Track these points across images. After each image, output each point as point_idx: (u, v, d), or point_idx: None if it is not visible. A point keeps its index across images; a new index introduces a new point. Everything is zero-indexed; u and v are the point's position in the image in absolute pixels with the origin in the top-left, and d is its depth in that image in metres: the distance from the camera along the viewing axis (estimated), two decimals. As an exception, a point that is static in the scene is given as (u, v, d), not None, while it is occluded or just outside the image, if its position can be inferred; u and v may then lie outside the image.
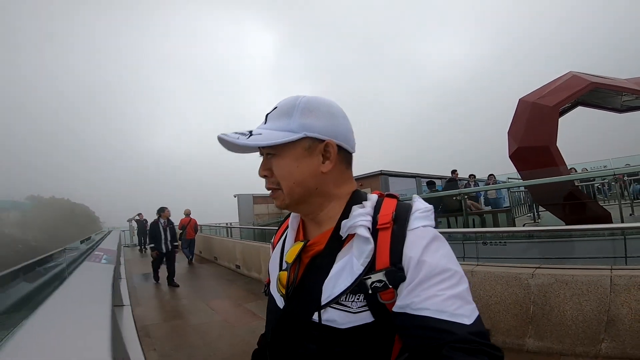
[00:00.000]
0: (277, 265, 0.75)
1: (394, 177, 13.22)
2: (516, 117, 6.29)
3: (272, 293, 0.74)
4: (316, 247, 0.67)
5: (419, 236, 0.59)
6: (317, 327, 0.61)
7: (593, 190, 7.31)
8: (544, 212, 7.28)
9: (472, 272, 3.04)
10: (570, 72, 6.18)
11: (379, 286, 0.57)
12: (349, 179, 0.72)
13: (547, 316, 2.58)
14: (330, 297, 0.60)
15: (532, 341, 2.63)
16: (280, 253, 0.76)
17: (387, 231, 0.60)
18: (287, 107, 0.67)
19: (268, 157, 0.68)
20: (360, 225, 0.61)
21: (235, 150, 0.68)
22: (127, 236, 15.84)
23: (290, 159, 0.65)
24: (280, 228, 0.85)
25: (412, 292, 0.54)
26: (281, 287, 0.68)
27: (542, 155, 5.62)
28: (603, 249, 3.29)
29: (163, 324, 4.49)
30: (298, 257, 0.67)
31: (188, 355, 3.36)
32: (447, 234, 5.38)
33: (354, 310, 0.59)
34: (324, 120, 0.66)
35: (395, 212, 0.63)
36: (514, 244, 4.02)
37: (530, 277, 2.72)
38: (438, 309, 0.51)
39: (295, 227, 0.76)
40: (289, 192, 0.66)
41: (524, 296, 2.72)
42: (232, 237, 10.27)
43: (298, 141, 0.64)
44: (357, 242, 0.61)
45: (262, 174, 0.69)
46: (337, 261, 0.63)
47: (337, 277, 0.61)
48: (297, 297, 0.65)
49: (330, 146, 0.66)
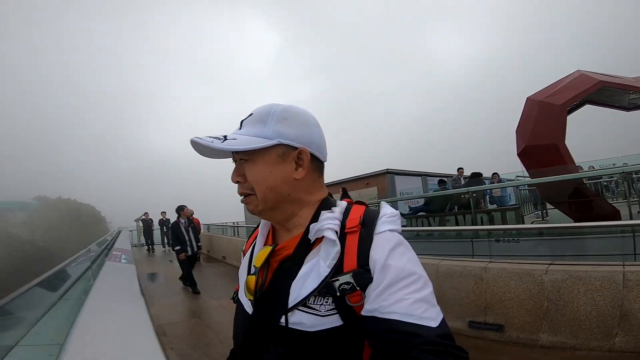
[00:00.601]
0: (246, 271, 0.74)
1: (400, 175, 13.27)
2: (524, 115, 6.32)
3: (240, 299, 0.73)
4: (285, 251, 0.67)
5: (385, 239, 0.60)
6: (284, 330, 0.60)
7: (601, 188, 7.34)
8: (551, 209, 7.32)
9: (486, 268, 3.12)
10: (578, 70, 6.22)
11: (347, 288, 0.57)
12: (320, 187, 0.73)
13: (560, 311, 2.66)
14: (297, 299, 0.60)
15: (546, 336, 2.71)
16: (250, 258, 0.75)
17: (354, 235, 0.62)
18: (262, 114, 0.68)
19: (241, 163, 0.68)
20: (328, 229, 0.62)
21: (207, 154, 0.69)
22: (135, 236, 15.91)
23: (263, 164, 0.66)
24: (251, 236, 0.85)
25: (379, 295, 0.55)
26: (249, 292, 0.67)
27: (550, 154, 5.67)
28: (613, 246, 3.35)
29: (178, 323, 4.55)
30: (266, 261, 0.67)
31: (204, 354, 3.42)
32: (457, 232, 5.46)
33: (323, 313, 0.59)
34: (298, 128, 0.67)
35: (363, 217, 0.64)
36: (526, 241, 4.09)
37: (544, 273, 2.79)
38: (405, 312, 0.52)
39: (265, 233, 0.77)
40: (263, 197, 0.66)
41: (537, 292, 2.80)
42: (239, 236, 10.39)
43: (272, 148, 0.65)
44: (325, 244, 0.62)
45: (235, 180, 0.69)
46: (304, 264, 0.63)
47: (305, 279, 0.61)
48: (265, 302, 0.65)
49: (303, 154, 0.67)
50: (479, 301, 3.09)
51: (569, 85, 5.96)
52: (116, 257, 3.99)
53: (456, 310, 3.21)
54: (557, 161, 5.63)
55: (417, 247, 3.97)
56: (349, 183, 14.55)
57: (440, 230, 6.70)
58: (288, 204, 0.68)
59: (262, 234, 0.76)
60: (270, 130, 0.65)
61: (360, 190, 13.73)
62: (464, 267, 3.27)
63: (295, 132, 0.67)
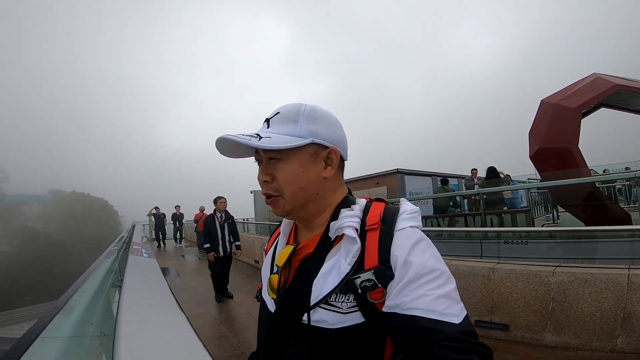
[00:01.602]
0: (269, 270, 0.75)
1: (410, 175, 13.27)
2: (538, 118, 6.30)
3: (263, 297, 0.75)
4: (306, 250, 0.68)
5: (406, 236, 0.60)
6: (307, 328, 0.61)
7: (614, 192, 7.27)
8: (563, 212, 7.29)
9: (493, 269, 3.20)
10: (594, 73, 6.17)
11: (368, 285, 0.57)
12: (342, 185, 0.74)
13: (565, 312, 2.73)
14: (319, 296, 0.61)
15: (550, 336, 2.78)
16: (272, 258, 0.76)
17: (375, 232, 0.62)
18: (291, 113, 0.67)
19: (271, 162, 0.66)
20: (348, 226, 0.62)
21: (230, 154, 0.69)
22: (147, 230, 15.78)
23: (296, 163, 0.65)
24: (272, 235, 0.86)
25: (401, 292, 0.55)
26: (272, 290, 0.68)
27: (563, 157, 5.65)
28: (622, 250, 3.39)
29: (191, 317, 4.65)
30: (288, 260, 0.68)
31: (219, 347, 3.54)
32: (466, 233, 5.52)
33: (344, 310, 0.59)
34: (327, 128, 0.68)
35: (383, 214, 0.64)
36: (535, 244, 4.13)
37: (551, 274, 2.86)
38: (428, 308, 0.52)
39: (287, 232, 0.78)
40: (292, 197, 0.66)
41: (544, 293, 2.87)
42: (249, 233, 10.57)
43: (304, 147, 0.65)
44: (345, 242, 0.62)
45: (264, 179, 0.67)
46: (325, 262, 0.63)
47: (326, 277, 0.62)
48: (287, 300, 0.65)
49: (333, 153, 0.68)
50: (486, 301, 3.18)
51: (585, 88, 5.92)
52: (137, 252, 4.16)
53: (463, 309, 3.30)
54: (570, 164, 5.61)
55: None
56: (358, 182, 14.63)
57: (446, 230, 6.74)
58: (315, 203, 0.69)
59: (284, 234, 0.77)
60: (303, 130, 0.66)
61: (370, 189, 13.80)
62: (472, 268, 3.36)
63: (326, 131, 0.68)
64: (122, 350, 1.07)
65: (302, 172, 0.66)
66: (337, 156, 0.69)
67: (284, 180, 0.65)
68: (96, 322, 1.57)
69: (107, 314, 1.72)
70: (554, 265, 3.01)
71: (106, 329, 1.46)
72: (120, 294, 2.02)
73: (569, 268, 2.88)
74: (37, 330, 0.88)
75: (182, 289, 6.25)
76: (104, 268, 2.69)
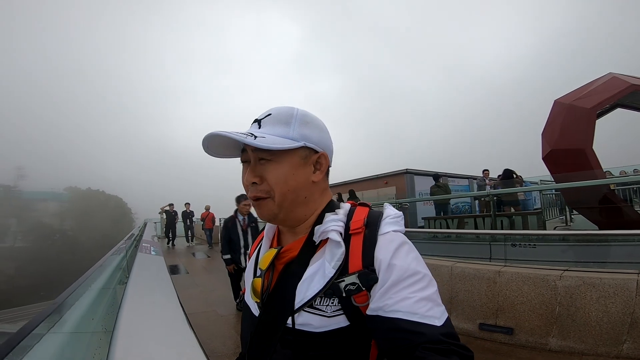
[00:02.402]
0: (252, 274, 0.75)
1: (419, 175, 13.19)
2: (551, 118, 6.18)
3: (247, 301, 0.74)
4: (290, 253, 0.68)
5: (389, 240, 0.61)
6: (291, 331, 0.61)
7: (630, 195, 7.06)
8: (576, 215, 7.13)
9: (500, 272, 3.17)
10: (610, 73, 6.01)
11: (353, 289, 0.58)
12: (327, 189, 0.74)
13: (572, 317, 2.69)
14: (303, 300, 0.61)
15: (555, 340, 2.75)
16: (255, 261, 0.76)
17: (359, 236, 0.62)
18: (284, 115, 0.67)
19: (261, 163, 0.65)
20: (332, 230, 0.63)
21: (217, 153, 0.69)
22: (158, 227, 15.34)
23: (287, 166, 0.65)
24: (256, 240, 0.86)
25: (384, 295, 0.55)
26: (255, 295, 0.68)
27: (577, 158, 5.53)
28: (633, 254, 3.32)
29: (197, 314, 4.59)
30: (272, 263, 0.67)
31: (222, 344, 3.56)
32: (474, 235, 5.47)
33: (329, 314, 0.59)
34: (318, 133, 0.69)
35: (367, 218, 0.65)
36: (543, 247, 4.07)
37: (558, 279, 2.82)
38: (410, 310, 0.53)
39: (271, 236, 0.77)
40: (282, 199, 0.65)
41: (550, 297, 2.83)
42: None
43: (296, 150, 0.66)
44: (329, 246, 0.62)
45: (252, 181, 0.65)
46: (310, 265, 0.63)
47: (310, 281, 0.62)
48: (271, 303, 0.65)
49: (323, 158, 0.69)
50: (491, 304, 3.16)
51: (600, 88, 5.78)
52: (146, 249, 4.27)
53: (468, 312, 3.29)
54: (584, 166, 5.49)
55: (433, 249, 4.06)
56: (367, 182, 14.59)
57: (451, 232, 6.68)
58: (302, 207, 0.68)
59: (268, 237, 0.77)
60: (295, 133, 0.66)
61: (379, 189, 13.74)
62: (478, 270, 3.33)
63: (317, 136, 0.68)
64: (118, 346, 1.09)
65: (293, 175, 0.65)
66: (326, 161, 0.70)
67: (274, 182, 0.64)
68: (99, 318, 1.61)
69: (111, 310, 1.77)
70: (562, 269, 2.97)
71: (108, 325, 1.50)
72: (124, 291, 2.07)
73: (577, 272, 2.84)
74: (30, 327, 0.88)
75: (190, 287, 6.32)
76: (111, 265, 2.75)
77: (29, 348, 0.85)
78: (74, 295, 1.43)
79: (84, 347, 1.34)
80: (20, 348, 0.80)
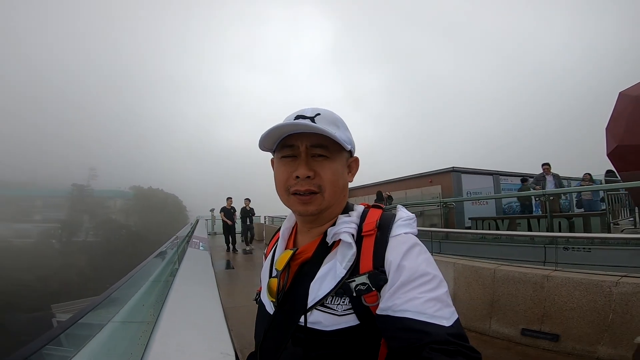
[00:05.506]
0: (268, 273, 0.77)
1: (468, 174, 12.53)
2: (616, 112, 5.66)
3: (262, 300, 0.77)
4: (305, 254, 0.70)
5: (400, 242, 0.63)
6: (303, 330, 0.62)
7: None
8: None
9: (548, 277, 3.03)
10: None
11: (363, 289, 0.59)
12: None
13: (626, 325, 2.52)
14: (315, 299, 0.63)
15: (604, 348, 2.59)
16: (271, 262, 0.78)
17: (371, 237, 0.64)
18: (332, 117, 0.70)
19: (315, 159, 0.67)
20: (344, 232, 0.65)
21: (265, 147, 0.72)
22: (209, 225, 15.21)
23: (339, 165, 0.69)
24: (272, 239, 0.87)
25: (393, 294, 0.56)
26: (270, 294, 0.69)
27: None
28: None
29: (239, 308, 4.56)
30: (287, 264, 0.69)
31: None
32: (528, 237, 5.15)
33: (340, 312, 0.60)
34: (352, 138, 0.74)
35: (379, 221, 0.67)
36: (600, 250, 3.77)
37: (614, 285, 2.65)
38: (418, 310, 0.53)
39: (287, 237, 0.79)
40: (331, 196, 0.68)
41: (603, 304, 2.67)
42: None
43: (344, 151, 0.70)
44: (341, 247, 0.65)
45: (308, 174, 0.66)
46: (322, 266, 0.66)
47: (322, 280, 0.64)
48: (286, 302, 0.67)
49: (355, 162, 0.74)
50: (537, 309, 3.03)
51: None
52: (196, 244, 4.70)
53: (510, 316, 3.19)
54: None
55: (476, 250, 3.98)
56: (411, 180, 14.20)
57: (492, 234, 6.35)
58: (337, 206, 0.72)
59: (283, 238, 0.79)
60: (344, 135, 0.69)
61: (423, 188, 13.29)
62: (524, 274, 3.21)
63: (352, 141, 0.73)
64: (157, 336, 1.22)
65: (341, 174, 0.70)
66: (357, 165, 0.75)
67: (328, 178, 0.67)
68: (146, 309, 1.75)
69: (160, 300, 1.90)
70: (619, 275, 2.77)
71: (153, 315, 1.64)
72: (172, 283, 2.25)
73: (636, 279, 2.63)
74: (75, 318, 1.01)
75: (234, 281, 6.59)
76: (164, 259, 2.98)
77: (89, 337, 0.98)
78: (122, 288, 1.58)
79: (127, 337, 1.45)
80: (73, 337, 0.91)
